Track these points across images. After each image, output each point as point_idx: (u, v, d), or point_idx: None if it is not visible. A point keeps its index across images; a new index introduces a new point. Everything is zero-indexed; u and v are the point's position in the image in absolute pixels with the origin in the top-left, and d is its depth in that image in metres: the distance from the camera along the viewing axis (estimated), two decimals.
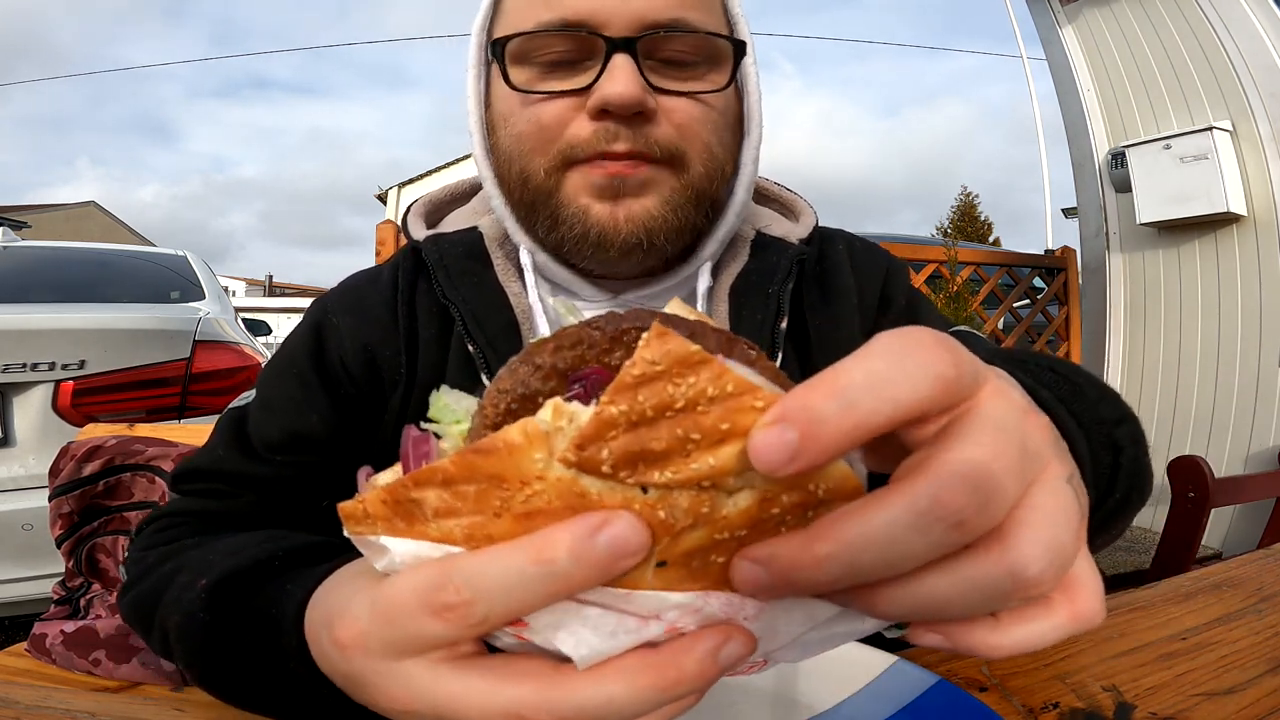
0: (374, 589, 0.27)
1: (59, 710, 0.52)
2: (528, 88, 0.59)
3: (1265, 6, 2.74)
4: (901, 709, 0.45)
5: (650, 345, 0.22)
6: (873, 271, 0.73)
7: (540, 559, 0.23)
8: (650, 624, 0.25)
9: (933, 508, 0.21)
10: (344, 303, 0.68)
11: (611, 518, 0.22)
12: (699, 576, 0.25)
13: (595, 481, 0.23)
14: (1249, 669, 0.54)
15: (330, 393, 0.64)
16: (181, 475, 0.64)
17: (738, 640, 0.25)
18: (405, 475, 0.24)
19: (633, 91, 0.55)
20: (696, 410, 0.22)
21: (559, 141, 0.59)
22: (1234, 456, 2.84)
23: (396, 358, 0.64)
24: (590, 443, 0.22)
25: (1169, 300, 3.13)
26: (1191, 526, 1.52)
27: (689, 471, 0.22)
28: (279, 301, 16.18)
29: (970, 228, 23.19)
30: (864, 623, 0.28)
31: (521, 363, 0.27)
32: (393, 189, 21.43)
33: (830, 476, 0.23)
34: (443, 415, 0.29)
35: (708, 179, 0.61)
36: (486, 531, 0.24)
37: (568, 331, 0.27)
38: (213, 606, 0.46)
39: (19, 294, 2.61)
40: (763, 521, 0.23)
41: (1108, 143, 3.32)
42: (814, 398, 0.21)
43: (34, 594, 2.05)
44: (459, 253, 0.67)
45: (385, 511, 0.25)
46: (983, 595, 0.23)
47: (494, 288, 0.64)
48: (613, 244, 0.59)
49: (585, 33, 0.57)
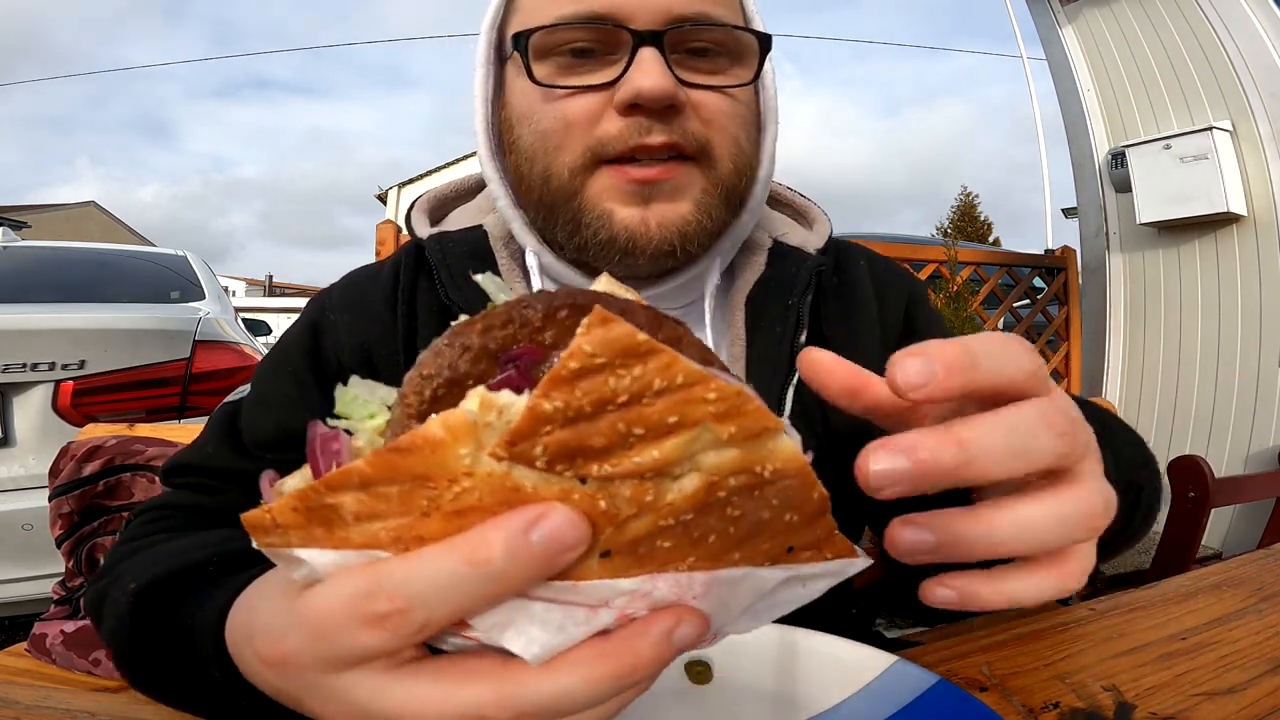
0: (297, 602, 0.26)
1: (59, 710, 0.52)
2: (551, 83, 0.58)
3: (1265, 6, 2.74)
4: (901, 709, 0.45)
5: (590, 334, 0.20)
6: (896, 292, 0.73)
7: (474, 560, 0.22)
8: (600, 612, 0.24)
9: (1046, 415, 0.27)
10: (343, 300, 0.67)
11: (547, 512, 0.21)
12: (645, 562, 0.24)
13: (529, 473, 0.21)
14: (1249, 669, 0.54)
15: (325, 391, 0.63)
16: (172, 469, 0.64)
17: (689, 621, 0.25)
18: (317, 479, 0.22)
19: (666, 84, 0.54)
20: (641, 403, 0.20)
21: (588, 138, 0.57)
22: (1234, 456, 2.84)
23: (394, 356, 0.64)
24: (523, 439, 0.20)
25: (1169, 300, 3.13)
26: (1191, 526, 1.52)
27: (631, 464, 0.21)
28: (279, 301, 16.17)
29: (970, 228, 23.19)
30: (806, 588, 0.28)
31: (447, 344, 0.25)
32: (393, 189, 21.43)
33: (777, 456, 0.23)
34: (352, 409, 0.27)
35: (736, 175, 0.61)
36: (416, 533, 0.22)
37: (496, 311, 0.25)
38: (136, 611, 0.46)
39: (19, 294, 2.61)
40: (709, 505, 0.23)
41: (1108, 143, 3.32)
42: (951, 350, 0.27)
43: (34, 594, 2.05)
44: (462, 252, 0.66)
45: (297, 520, 0.23)
46: (1060, 524, 0.28)
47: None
48: (644, 250, 0.58)
49: (611, 25, 0.56)
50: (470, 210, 0.74)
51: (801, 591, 0.28)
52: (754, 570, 0.26)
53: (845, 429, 0.67)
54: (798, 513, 0.25)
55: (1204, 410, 2.97)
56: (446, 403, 0.24)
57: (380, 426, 0.27)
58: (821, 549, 0.26)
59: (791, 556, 0.26)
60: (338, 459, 0.25)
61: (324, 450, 0.26)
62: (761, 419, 0.22)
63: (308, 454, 0.26)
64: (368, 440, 0.27)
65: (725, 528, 0.24)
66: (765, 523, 0.24)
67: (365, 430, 0.27)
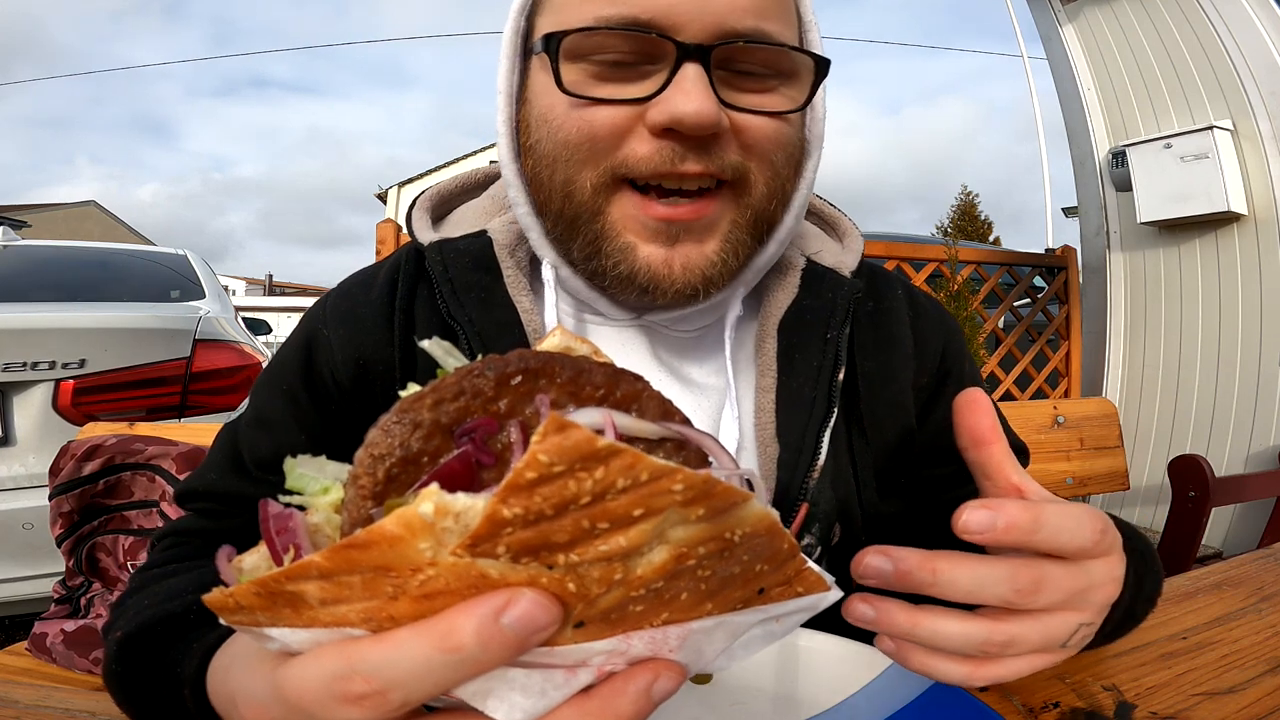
0: (276, 675, 0.26)
1: (59, 710, 0.52)
2: (580, 91, 0.52)
3: (1266, 6, 2.73)
4: (901, 709, 0.45)
5: (545, 443, 0.19)
6: (935, 332, 0.70)
7: (446, 647, 0.22)
8: (579, 672, 0.25)
9: (1045, 584, 0.36)
10: (335, 313, 0.64)
11: (515, 598, 0.21)
12: (619, 625, 0.24)
13: (495, 564, 0.21)
14: (1249, 668, 0.54)
15: (320, 409, 0.62)
16: (183, 495, 0.64)
17: (667, 675, 0.25)
18: (276, 571, 0.22)
19: (709, 111, 0.49)
20: (605, 500, 0.20)
21: (613, 156, 0.52)
22: (1234, 456, 2.84)
23: (391, 371, 0.61)
24: (483, 541, 0.20)
25: (1169, 299, 3.12)
26: (1192, 526, 1.52)
27: (597, 552, 0.21)
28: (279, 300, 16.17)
29: (970, 227, 23.17)
30: (781, 624, 0.29)
31: (396, 422, 0.24)
32: (393, 188, 21.42)
33: (746, 521, 0.23)
34: (304, 485, 0.27)
35: (768, 201, 0.56)
36: (387, 613, 0.23)
37: (446, 382, 0.25)
38: (123, 659, 0.46)
39: (19, 293, 2.61)
40: (679, 572, 0.23)
41: (1108, 141, 3.31)
42: (1017, 512, 0.35)
43: (34, 593, 2.05)
44: (465, 264, 0.61)
45: (262, 603, 0.23)
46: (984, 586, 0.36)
47: (503, 304, 0.60)
48: (665, 292, 0.54)
49: (655, 35, 0.50)
50: (475, 209, 0.69)
51: (776, 628, 0.29)
52: (727, 617, 0.26)
53: (878, 463, 0.65)
54: (768, 563, 0.25)
55: (1204, 410, 2.97)
56: (401, 482, 0.24)
57: (335, 502, 0.27)
58: (792, 584, 0.27)
59: (763, 598, 0.27)
60: (294, 539, 0.25)
61: (279, 530, 0.25)
62: (730, 497, 0.22)
63: (262, 533, 0.26)
64: (324, 517, 0.27)
65: (696, 586, 0.24)
66: (736, 576, 0.25)
67: (320, 507, 0.27)
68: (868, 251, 0.73)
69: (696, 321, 0.64)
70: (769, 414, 0.59)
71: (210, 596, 0.24)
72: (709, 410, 0.62)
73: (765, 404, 0.60)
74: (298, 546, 0.25)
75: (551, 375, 0.26)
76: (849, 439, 0.64)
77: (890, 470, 0.66)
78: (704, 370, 0.64)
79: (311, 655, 0.24)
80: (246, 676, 0.30)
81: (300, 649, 0.25)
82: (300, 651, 0.25)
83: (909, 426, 0.67)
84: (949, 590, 0.36)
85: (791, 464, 0.58)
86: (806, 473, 0.58)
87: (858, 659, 0.49)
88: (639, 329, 0.64)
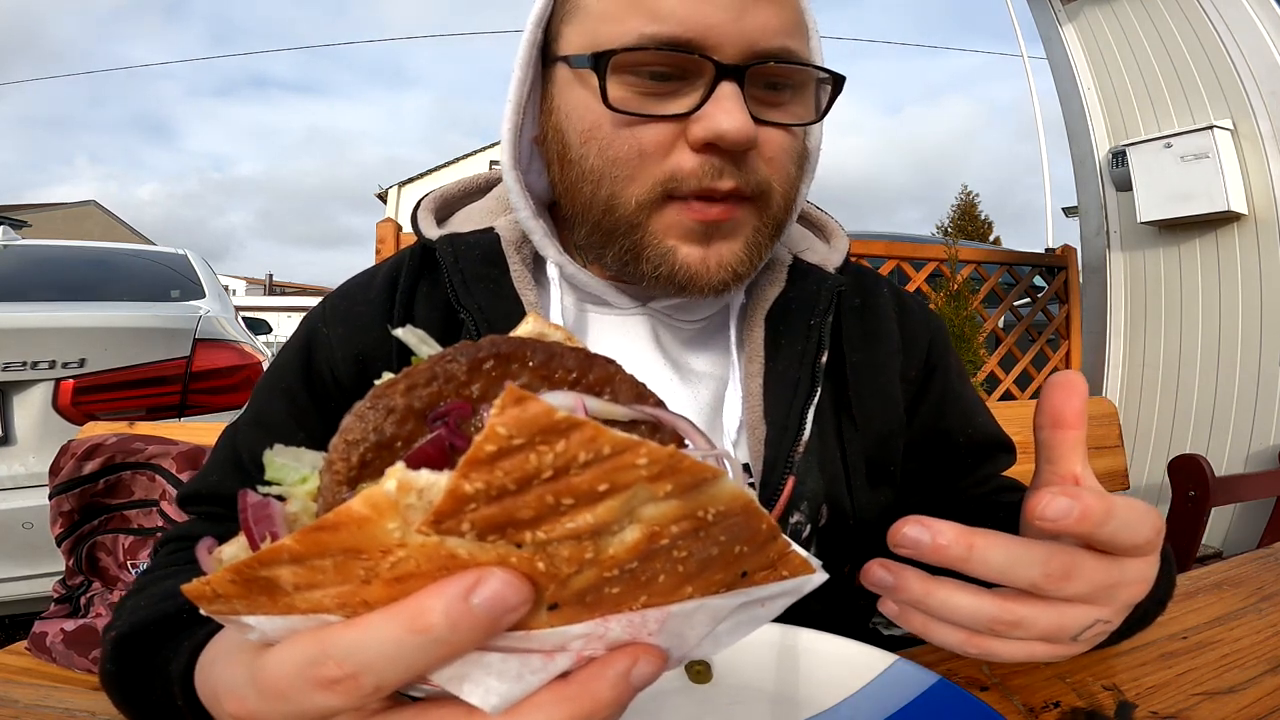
0: (253, 665, 0.26)
1: (59, 709, 0.52)
2: (628, 108, 0.54)
3: (1266, 6, 2.73)
4: (902, 708, 0.45)
5: (504, 415, 0.19)
6: (920, 330, 0.73)
7: (416, 628, 0.22)
8: (557, 657, 0.25)
9: (1077, 574, 0.37)
10: (335, 312, 0.66)
11: (485, 577, 0.21)
12: (595, 608, 0.24)
13: (461, 542, 0.21)
14: (1249, 668, 0.54)
15: (321, 409, 0.63)
16: (184, 499, 0.65)
17: (646, 659, 0.25)
18: (249, 557, 0.22)
19: (748, 128, 0.52)
20: (569, 474, 0.20)
21: (660, 172, 0.55)
22: (1234, 456, 2.84)
23: (390, 364, 0.62)
24: (447, 518, 0.20)
25: (1169, 299, 3.12)
26: (1192, 526, 1.52)
27: (564, 530, 0.21)
28: (279, 300, 16.17)
29: (970, 227, 23.18)
30: (766, 608, 0.28)
31: (370, 408, 0.25)
32: (393, 188, 21.43)
33: (719, 500, 0.23)
34: (282, 475, 0.27)
35: (785, 208, 0.60)
36: (360, 598, 0.22)
37: (419, 368, 0.25)
38: (117, 658, 0.47)
39: (19, 293, 2.61)
40: (652, 552, 0.23)
41: (1108, 141, 3.31)
42: (1094, 503, 0.35)
43: (34, 593, 2.05)
44: (475, 256, 0.64)
45: (238, 590, 0.23)
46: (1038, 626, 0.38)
47: (510, 296, 0.62)
48: (701, 288, 0.57)
49: (697, 55, 0.53)
50: (479, 210, 0.72)
51: (761, 612, 0.29)
52: (708, 600, 0.26)
53: (867, 451, 0.67)
54: (747, 544, 0.25)
55: (1204, 409, 2.97)
56: (375, 467, 0.24)
57: (313, 491, 0.27)
58: (777, 568, 0.27)
59: (746, 581, 0.26)
60: (270, 527, 0.25)
61: (256, 519, 0.26)
62: (698, 472, 0.22)
63: (240, 523, 0.26)
64: (301, 505, 0.27)
65: (674, 567, 0.24)
66: (714, 558, 0.24)
67: (298, 496, 0.27)
68: (868, 251, 0.76)
69: (700, 312, 0.67)
70: (757, 397, 0.62)
71: (189, 586, 0.24)
72: (706, 398, 0.65)
73: (754, 388, 0.63)
74: (274, 534, 0.25)
75: (523, 359, 0.26)
76: (838, 425, 0.67)
77: (881, 460, 0.69)
78: (702, 359, 0.67)
79: (286, 642, 0.25)
80: (227, 668, 0.30)
81: (278, 637, 0.25)
82: (278, 640, 0.25)
83: (899, 417, 0.69)
84: (980, 568, 0.36)
85: (777, 441, 0.61)
86: (791, 448, 0.61)
87: (858, 659, 0.49)
88: (643, 317, 0.66)
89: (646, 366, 0.65)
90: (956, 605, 0.37)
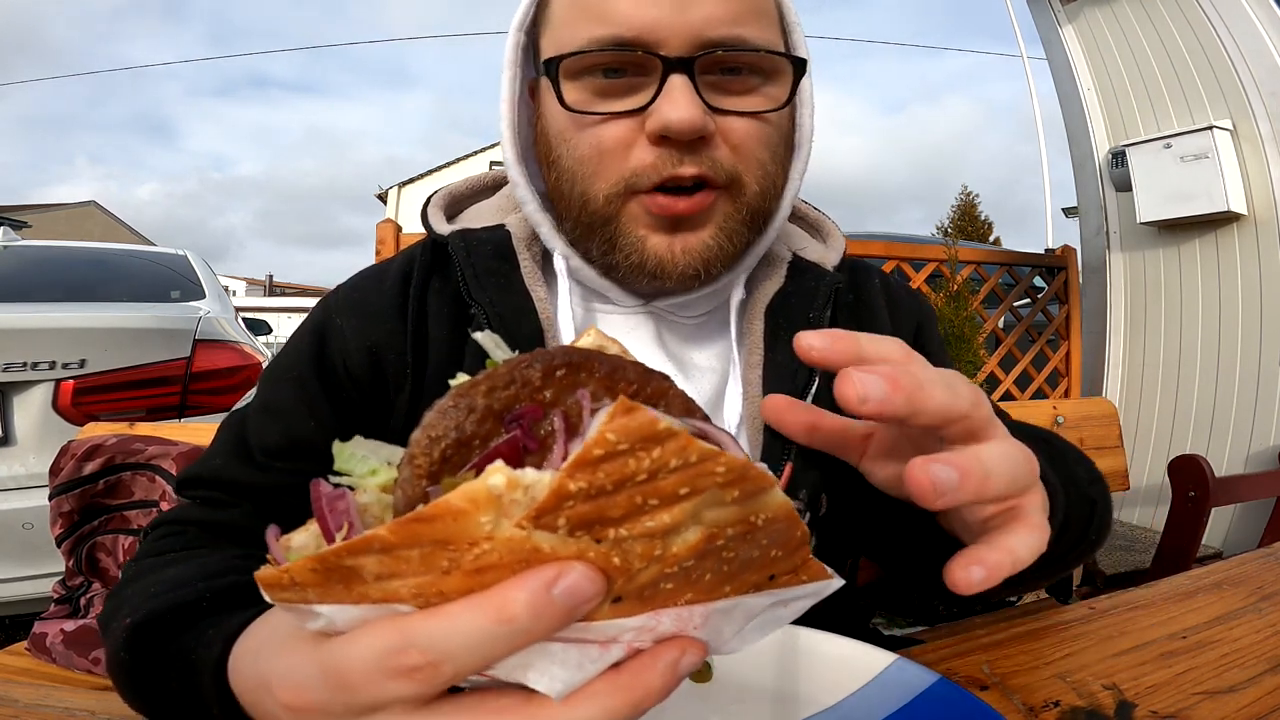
0: (320, 653, 0.27)
1: (59, 709, 0.52)
2: (583, 108, 0.57)
3: (1265, 6, 2.73)
4: (901, 708, 0.45)
5: (614, 423, 0.21)
6: (907, 313, 0.76)
7: (501, 618, 0.23)
8: (611, 648, 0.26)
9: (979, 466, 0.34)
10: (348, 302, 0.66)
11: (565, 570, 0.23)
12: (650, 601, 0.26)
13: (548, 537, 0.23)
14: (1249, 667, 0.54)
15: (331, 398, 0.63)
16: (184, 482, 0.64)
17: (692, 651, 0.27)
18: (338, 545, 0.23)
19: (694, 118, 0.54)
20: (658, 478, 0.22)
21: (622, 167, 0.57)
22: (1234, 456, 2.84)
23: (403, 357, 0.63)
24: (547, 513, 0.22)
25: (1169, 299, 3.12)
26: (1192, 526, 1.52)
27: (644, 528, 0.23)
28: (279, 301, 16.18)
29: (970, 227, 23.19)
30: (788, 609, 0.31)
31: (453, 406, 0.26)
32: (393, 188, 21.44)
33: (769, 506, 0.25)
34: (354, 466, 0.29)
35: (762, 197, 0.61)
36: (437, 589, 0.24)
37: (499, 371, 0.27)
38: (132, 647, 0.46)
39: (19, 294, 2.61)
40: (708, 552, 0.25)
41: (1108, 142, 3.31)
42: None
43: (34, 593, 2.04)
44: (487, 251, 0.65)
45: (316, 579, 0.24)
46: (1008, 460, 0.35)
47: (520, 292, 0.63)
48: (670, 275, 0.59)
49: (641, 52, 0.55)
50: (489, 208, 0.73)
51: (784, 612, 0.31)
52: (743, 599, 0.28)
53: None
54: (782, 549, 0.27)
55: (1204, 410, 2.97)
56: (454, 462, 0.26)
57: (385, 483, 0.28)
58: (799, 573, 0.29)
59: (773, 583, 0.28)
60: (347, 518, 0.27)
61: (331, 509, 0.27)
62: (761, 481, 0.24)
63: (314, 512, 0.27)
64: (374, 497, 0.28)
65: (720, 567, 0.26)
66: (754, 560, 0.27)
67: (369, 487, 0.28)
68: (867, 252, 0.77)
69: (700, 308, 0.68)
70: (757, 388, 0.64)
71: (263, 573, 0.25)
72: (707, 391, 0.66)
73: (754, 379, 0.64)
74: (351, 524, 0.27)
75: (591, 370, 0.27)
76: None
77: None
78: (703, 354, 0.68)
79: (362, 630, 0.25)
80: (282, 658, 0.30)
81: (346, 627, 0.26)
82: (344, 630, 0.26)
83: None
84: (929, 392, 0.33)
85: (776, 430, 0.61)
86: None
87: (858, 658, 0.49)
88: (646, 315, 0.68)
89: (650, 362, 0.65)
90: (993, 453, 0.34)
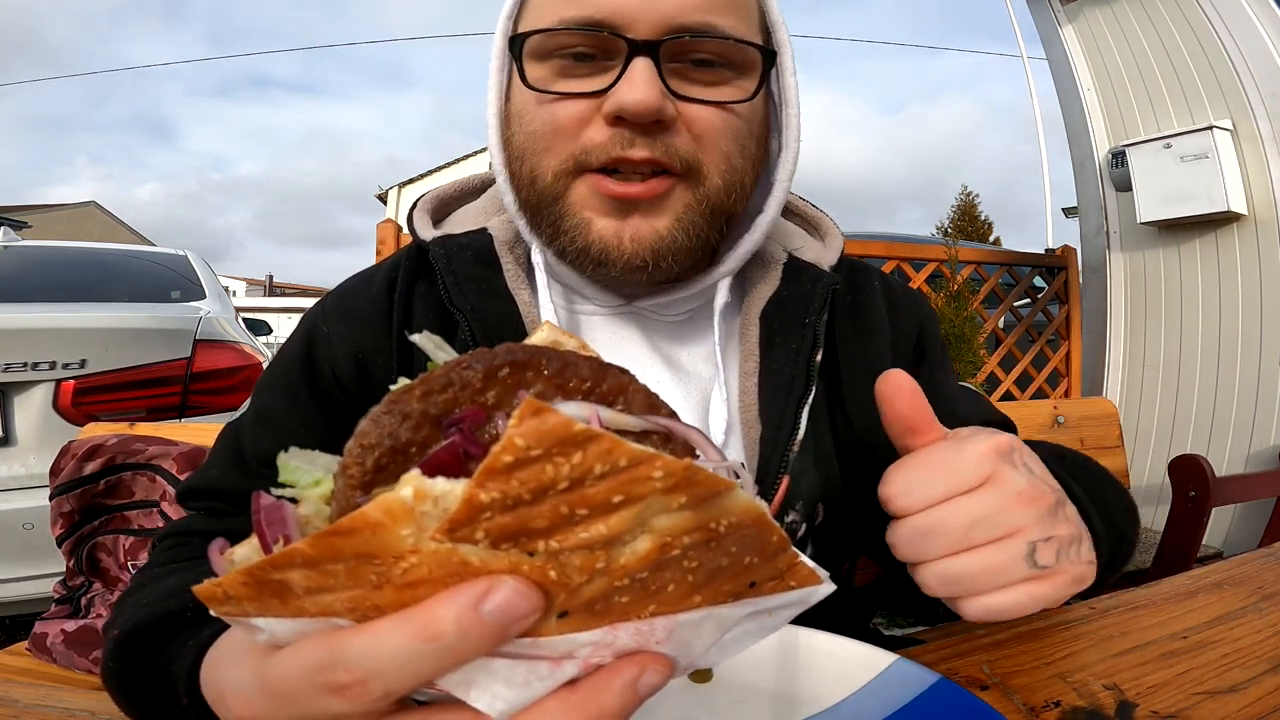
0: (261, 667, 0.26)
1: (59, 710, 0.52)
2: (544, 86, 0.57)
3: (1265, 6, 2.73)
4: (902, 708, 0.45)
5: (522, 426, 0.19)
6: (908, 318, 0.74)
7: (426, 636, 0.22)
8: (564, 664, 0.25)
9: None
10: (335, 310, 0.66)
11: (495, 585, 0.21)
12: (604, 616, 0.24)
13: (474, 550, 0.21)
14: (1250, 667, 0.54)
15: (321, 404, 0.63)
16: (185, 494, 0.65)
17: (654, 668, 0.25)
18: (263, 559, 0.22)
19: (650, 99, 0.53)
20: (584, 486, 0.20)
21: (573, 145, 0.56)
22: (1234, 456, 2.84)
23: (389, 364, 0.63)
24: (461, 526, 0.20)
25: (1169, 299, 3.12)
26: (1192, 526, 1.52)
27: (577, 539, 0.21)
28: (279, 301, 16.17)
29: (970, 227, 23.18)
30: (773, 618, 0.28)
31: (386, 413, 0.25)
32: (393, 189, 21.42)
33: (732, 511, 0.23)
34: (296, 478, 0.27)
35: (725, 192, 0.59)
36: (371, 602, 0.22)
37: (435, 374, 0.25)
38: (120, 657, 0.47)
39: (19, 294, 2.61)
40: (663, 562, 0.23)
41: (1108, 142, 3.31)
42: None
43: (34, 593, 2.04)
44: (467, 257, 0.64)
45: (249, 593, 0.23)
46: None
47: (503, 296, 0.62)
48: (615, 263, 0.57)
49: (607, 33, 0.54)
50: (474, 211, 0.72)
51: (769, 621, 0.29)
52: (716, 609, 0.26)
53: (860, 446, 0.67)
54: (757, 555, 0.25)
55: (1204, 410, 2.96)
56: (390, 471, 0.24)
57: (326, 494, 0.27)
58: (784, 579, 0.27)
59: (754, 591, 0.26)
60: (283, 530, 0.25)
61: (269, 521, 0.26)
62: (712, 485, 0.22)
63: (254, 524, 0.26)
64: (314, 508, 0.27)
65: (683, 577, 0.24)
66: (724, 568, 0.24)
67: (311, 498, 0.27)
68: (867, 252, 0.76)
69: (682, 307, 0.67)
70: (752, 395, 0.63)
71: (200, 587, 0.24)
72: (697, 396, 0.65)
73: (749, 386, 0.63)
74: (287, 537, 0.25)
75: (538, 368, 0.26)
76: (832, 423, 0.67)
77: (875, 456, 0.69)
78: (693, 357, 0.67)
79: (295, 646, 0.25)
80: (233, 670, 0.30)
81: (287, 639, 0.25)
82: (287, 643, 0.25)
83: None
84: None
85: (773, 440, 0.61)
86: (786, 447, 0.61)
87: (858, 658, 0.49)
88: (630, 316, 0.66)
89: (639, 364, 0.65)
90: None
